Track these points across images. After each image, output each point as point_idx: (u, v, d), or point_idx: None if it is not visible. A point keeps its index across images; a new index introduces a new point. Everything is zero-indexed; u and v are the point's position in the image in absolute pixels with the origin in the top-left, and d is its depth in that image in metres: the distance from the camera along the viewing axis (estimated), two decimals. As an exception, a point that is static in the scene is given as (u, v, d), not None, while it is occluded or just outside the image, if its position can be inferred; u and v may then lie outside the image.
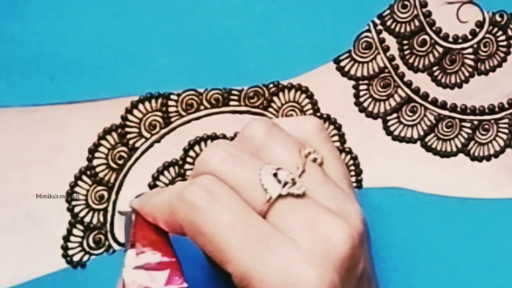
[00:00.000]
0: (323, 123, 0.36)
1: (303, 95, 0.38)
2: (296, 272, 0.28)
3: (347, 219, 0.30)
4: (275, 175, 0.30)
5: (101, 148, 0.37)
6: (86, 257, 0.37)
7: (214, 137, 0.38)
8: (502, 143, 0.39)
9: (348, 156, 0.38)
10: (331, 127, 0.38)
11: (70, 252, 0.37)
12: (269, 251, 0.29)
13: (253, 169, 0.30)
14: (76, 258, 0.37)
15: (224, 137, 0.38)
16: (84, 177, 0.37)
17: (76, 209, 0.37)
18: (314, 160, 0.32)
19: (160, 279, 0.30)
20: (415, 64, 0.39)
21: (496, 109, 0.39)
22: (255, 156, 0.31)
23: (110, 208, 0.37)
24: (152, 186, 0.37)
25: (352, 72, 0.38)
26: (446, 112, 0.39)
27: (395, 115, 0.39)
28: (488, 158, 0.39)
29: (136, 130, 0.37)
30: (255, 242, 0.29)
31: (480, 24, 0.39)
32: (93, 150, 0.37)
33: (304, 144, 0.33)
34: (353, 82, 0.38)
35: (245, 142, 0.32)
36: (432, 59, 0.39)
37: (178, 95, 0.38)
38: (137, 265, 0.30)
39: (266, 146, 0.32)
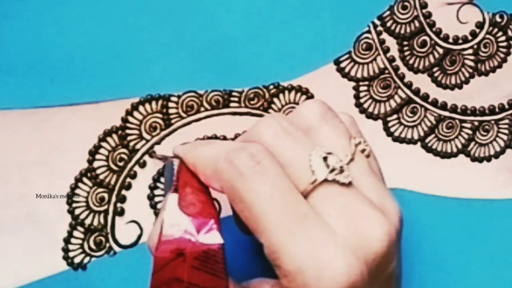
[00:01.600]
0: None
1: (304, 96, 0.38)
2: (326, 257, 0.28)
3: (386, 215, 0.30)
4: (324, 159, 0.30)
5: (102, 150, 0.37)
6: (87, 259, 0.37)
7: (214, 138, 0.38)
8: (502, 144, 0.39)
9: (349, 157, 0.38)
10: (332, 128, 0.38)
11: (71, 254, 0.37)
12: (304, 231, 0.28)
13: (304, 149, 0.30)
14: (77, 260, 0.37)
15: (224, 138, 0.38)
16: (85, 179, 0.37)
17: (77, 211, 0.37)
18: (363, 150, 0.32)
19: (198, 227, 0.30)
20: (415, 65, 0.39)
21: (497, 109, 0.39)
22: (307, 136, 0.31)
23: (110, 210, 0.37)
24: (152, 188, 0.37)
25: (353, 73, 0.38)
26: (446, 113, 0.39)
27: (395, 116, 0.39)
28: (488, 158, 0.39)
29: (136, 132, 0.37)
30: (292, 219, 0.28)
31: (480, 25, 0.39)
32: (93, 152, 0.37)
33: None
34: (353, 83, 0.38)
35: (298, 120, 0.32)
36: (432, 60, 0.39)
37: (179, 96, 0.37)
38: (178, 210, 0.30)
39: (319, 128, 0.31)
